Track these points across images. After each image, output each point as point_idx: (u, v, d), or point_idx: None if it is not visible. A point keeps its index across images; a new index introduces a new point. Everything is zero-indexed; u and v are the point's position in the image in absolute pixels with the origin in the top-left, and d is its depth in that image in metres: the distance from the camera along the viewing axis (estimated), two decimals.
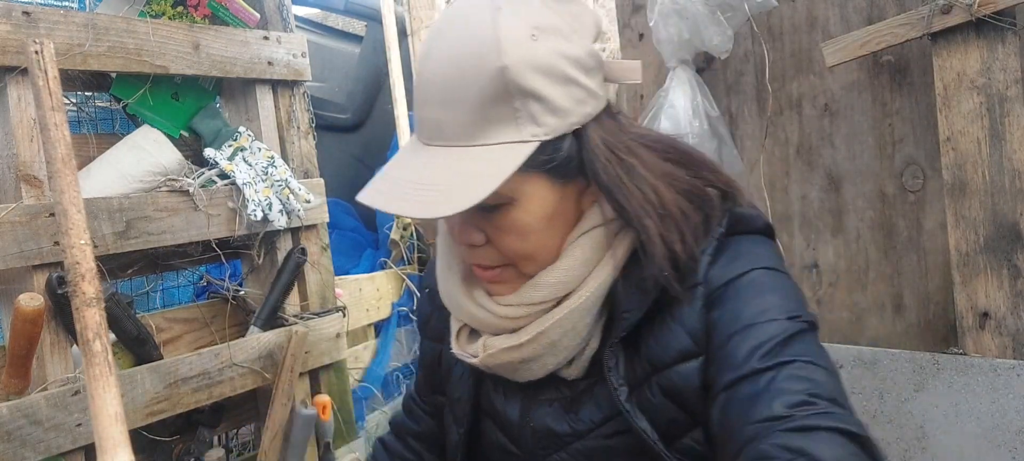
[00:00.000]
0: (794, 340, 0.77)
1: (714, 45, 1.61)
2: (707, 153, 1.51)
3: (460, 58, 0.79)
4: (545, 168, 0.81)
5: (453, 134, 0.80)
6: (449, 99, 0.80)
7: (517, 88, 0.77)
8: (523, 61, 0.77)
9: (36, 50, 1.03)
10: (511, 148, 0.78)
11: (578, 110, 0.81)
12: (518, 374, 0.90)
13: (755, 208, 0.91)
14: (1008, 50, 1.35)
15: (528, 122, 0.79)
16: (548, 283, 0.85)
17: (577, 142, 0.82)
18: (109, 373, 0.86)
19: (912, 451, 1.48)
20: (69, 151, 0.99)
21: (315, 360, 1.60)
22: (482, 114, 0.78)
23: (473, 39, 0.79)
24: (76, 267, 0.92)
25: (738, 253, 0.85)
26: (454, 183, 0.78)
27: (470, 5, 0.82)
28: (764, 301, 0.81)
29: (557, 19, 0.81)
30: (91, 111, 1.53)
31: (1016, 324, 1.37)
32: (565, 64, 0.79)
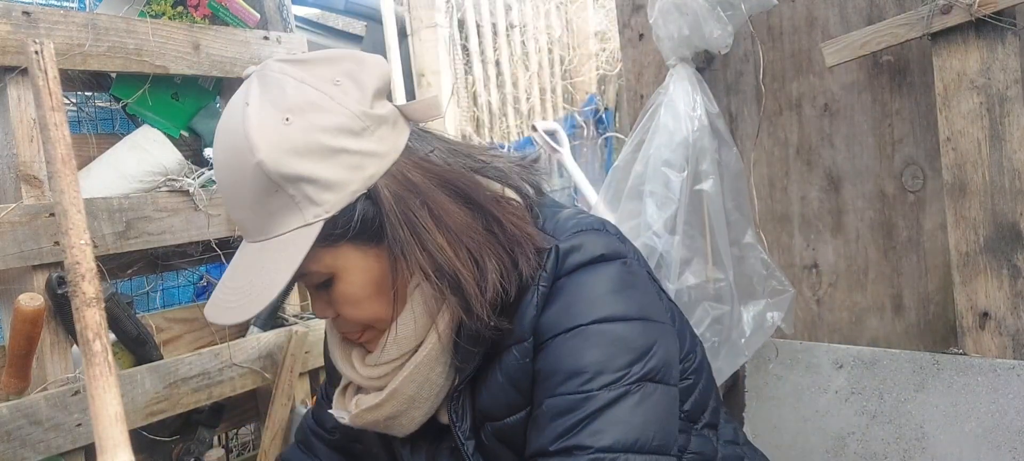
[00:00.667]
0: (600, 415, 0.77)
1: (714, 41, 1.61)
2: (706, 151, 1.51)
3: (226, 163, 0.80)
4: (347, 239, 0.81)
5: (253, 230, 0.82)
6: (233, 202, 0.82)
7: (281, 177, 0.76)
8: (277, 149, 0.76)
9: (36, 50, 1.03)
10: (299, 233, 0.78)
11: (357, 176, 0.79)
12: (391, 430, 0.91)
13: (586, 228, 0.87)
14: (1008, 50, 1.35)
15: (307, 204, 0.78)
16: (395, 341, 0.86)
17: (372, 203, 0.81)
18: (109, 373, 0.86)
19: (912, 451, 1.48)
20: (69, 151, 0.99)
21: (315, 360, 1.60)
22: (264, 209, 0.79)
23: (230, 140, 0.79)
24: (76, 267, 0.92)
25: (569, 301, 0.82)
26: (255, 281, 0.79)
27: (231, 105, 0.82)
28: (580, 363, 0.79)
29: (312, 93, 0.79)
30: (91, 111, 1.53)
31: (1016, 324, 1.37)
32: (326, 137, 0.77)
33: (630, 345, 0.80)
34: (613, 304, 0.82)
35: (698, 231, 1.64)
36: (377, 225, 0.81)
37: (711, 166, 1.63)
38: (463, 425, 0.88)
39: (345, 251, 0.82)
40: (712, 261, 1.63)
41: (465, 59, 3.39)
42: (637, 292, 0.85)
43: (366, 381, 0.90)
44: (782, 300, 1.62)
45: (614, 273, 0.84)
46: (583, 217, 0.91)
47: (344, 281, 0.83)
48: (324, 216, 0.78)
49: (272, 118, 0.77)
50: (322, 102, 0.79)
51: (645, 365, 0.80)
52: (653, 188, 1.63)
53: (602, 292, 0.82)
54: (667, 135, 1.64)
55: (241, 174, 0.78)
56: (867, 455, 1.54)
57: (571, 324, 0.81)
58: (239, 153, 0.77)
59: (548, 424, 0.79)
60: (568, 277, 0.83)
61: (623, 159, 1.74)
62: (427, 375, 0.86)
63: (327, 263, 0.82)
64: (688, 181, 1.61)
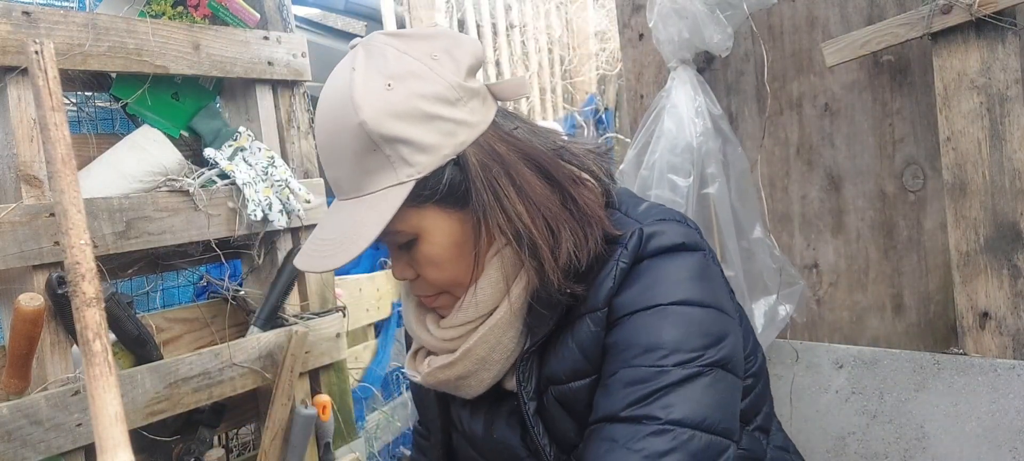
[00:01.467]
0: (673, 390, 0.80)
1: (714, 43, 1.61)
2: (711, 152, 1.51)
3: (330, 122, 0.87)
4: (434, 201, 0.87)
5: (348, 188, 0.88)
6: (332, 160, 0.88)
7: (380, 137, 0.83)
8: (379, 111, 0.83)
9: (36, 50, 1.03)
10: (390, 191, 0.85)
11: (449, 142, 0.86)
12: (460, 390, 0.96)
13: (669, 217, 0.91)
14: (1008, 50, 1.35)
15: (401, 164, 0.84)
16: (471, 303, 0.91)
17: (460, 169, 0.87)
18: (109, 373, 0.86)
19: (912, 451, 1.48)
20: (69, 151, 0.99)
21: (315, 360, 1.60)
22: (361, 167, 0.85)
23: (336, 102, 0.86)
24: (76, 267, 0.92)
25: (650, 282, 0.86)
26: (349, 232, 0.85)
27: (337, 71, 0.89)
28: (658, 339, 0.83)
29: (413, 63, 0.86)
30: (91, 111, 1.53)
31: (1016, 324, 1.37)
32: (424, 104, 0.84)
33: (706, 330, 0.84)
34: (692, 289, 0.85)
35: (707, 231, 1.64)
36: (463, 190, 0.87)
37: (717, 168, 1.63)
38: (528, 387, 0.92)
39: (431, 213, 0.88)
40: (722, 258, 1.63)
41: None
42: (713, 284, 0.88)
43: (439, 344, 0.95)
44: (792, 293, 1.62)
45: (694, 262, 0.88)
46: (665, 208, 0.95)
47: (427, 242, 0.89)
48: (416, 176, 0.84)
49: (376, 83, 0.84)
50: (421, 72, 0.86)
51: (718, 351, 0.83)
52: (659, 194, 1.63)
53: (683, 277, 0.86)
54: (671, 141, 1.64)
55: (343, 133, 0.84)
56: (867, 455, 1.54)
57: (651, 303, 0.84)
58: (343, 113, 0.84)
59: (620, 390, 0.82)
60: (650, 260, 0.87)
61: (627, 164, 1.74)
62: (499, 338, 0.90)
63: (413, 223, 0.87)
64: (694, 186, 1.62)
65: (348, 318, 1.73)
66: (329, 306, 1.67)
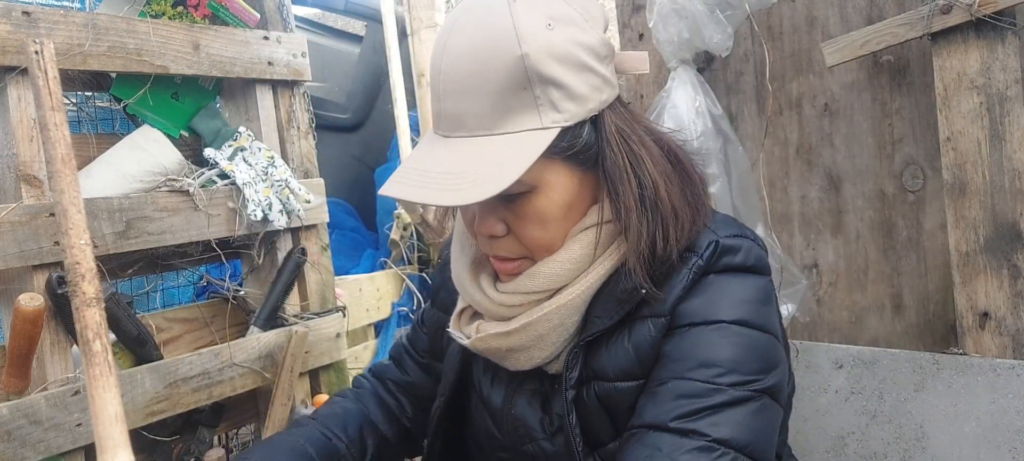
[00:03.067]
0: (724, 410, 0.78)
1: (714, 44, 1.61)
2: (712, 152, 1.51)
3: (479, 49, 0.80)
4: (566, 155, 0.83)
5: (475, 124, 0.81)
6: (470, 90, 0.81)
7: (537, 75, 0.79)
8: (541, 49, 0.79)
9: (36, 50, 1.03)
10: (533, 135, 0.80)
11: (595, 97, 0.83)
12: (506, 362, 0.92)
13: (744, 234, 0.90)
14: (1008, 50, 1.35)
15: (549, 109, 0.80)
16: (544, 274, 0.86)
17: (594, 130, 0.84)
18: (109, 373, 0.86)
19: (912, 451, 1.48)
20: (69, 151, 0.99)
21: (315, 360, 1.60)
22: (503, 103, 0.80)
23: (492, 30, 0.80)
24: (76, 267, 0.92)
25: (715, 297, 0.84)
26: (480, 170, 0.79)
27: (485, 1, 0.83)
28: (716, 356, 0.81)
29: (570, 10, 0.83)
30: (91, 111, 1.53)
31: (1016, 324, 1.37)
32: (581, 52, 0.81)
33: (762, 355, 0.82)
34: (755, 313, 0.84)
35: None
36: (591, 151, 0.84)
37: (718, 168, 1.63)
38: (572, 375, 0.88)
39: (557, 166, 0.84)
40: None
41: None
42: (773, 311, 0.87)
43: (495, 308, 0.90)
44: (795, 291, 1.62)
45: (761, 285, 0.86)
46: (739, 223, 0.93)
47: (545, 196, 0.84)
48: (562, 123, 0.81)
49: (538, 20, 0.80)
50: (577, 20, 0.83)
51: (770, 379, 0.82)
52: None
53: (748, 297, 0.84)
54: None
55: (496, 62, 0.79)
56: (867, 455, 1.54)
57: (714, 318, 0.83)
58: (501, 42, 0.79)
59: (670, 401, 0.80)
60: (718, 275, 0.85)
61: None
62: (564, 319, 0.87)
63: (537, 174, 0.82)
64: None
65: (348, 318, 1.73)
66: (329, 306, 1.67)
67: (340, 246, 2.34)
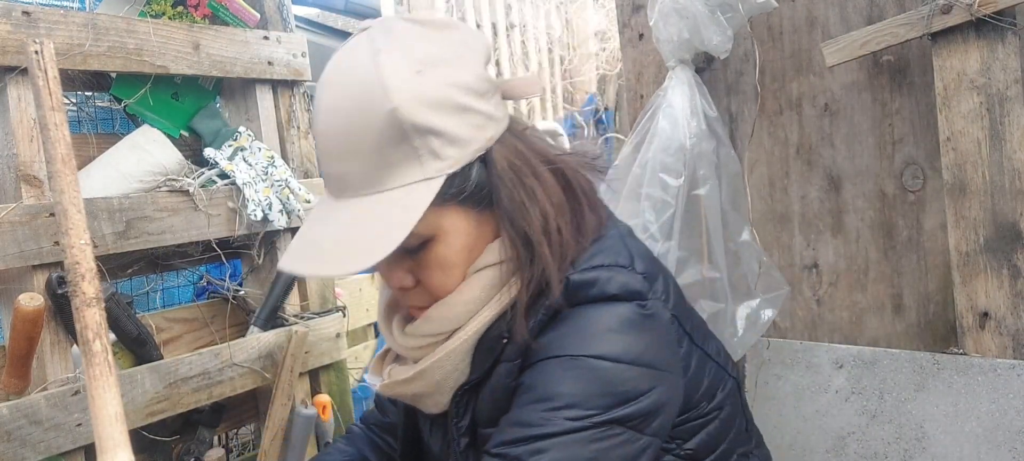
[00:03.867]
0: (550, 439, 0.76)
1: (714, 45, 1.61)
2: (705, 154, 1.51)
3: (349, 109, 0.77)
4: (459, 199, 0.81)
5: (360, 184, 0.79)
6: (347, 151, 0.78)
7: (412, 127, 0.76)
8: (412, 99, 0.75)
9: (36, 50, 1.03)
10: (418, 187, 0.77)
11: (479, 136, 0.80)
12: (419, 406, 0.91)
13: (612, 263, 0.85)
14: (1008, 50, 1.35)
15: (430, 158, 0.77)
16: (436, 317, 0.85)
17: (484, 168, 0.81)
18: (109, 373, 0.86)
19: (912, 451, 1.48)
20: (69, 151, 0.99)
21: (315, 360, 1.60)
22: (382, 160, 0.77)
23: (359, 87, 0.77)
24: (76, 267, 0.92)
25: (566, 331, 0.82)
26: (370, 233, 0.77)
27: (350, 53, 0.80)
28: (555, 389, 0.79)
29: (440, 49, 0.79)
30: (91, 111, 1.53)
31: (1016, 324, 1.37)
32: (457, 93, 0.78)
33: (612, 388, 0.79)
34: (611, 343, 0.80)
35: (695, 232, 1.64)
36: (485, 190, 0.82)
37: (709, 170, 1.63)
38: (462, 421, 0.89)
39: (452, 212, 0.81)
40: (708, 260, 1.64)
41: None
42: (643, 336, 0.82)
43: (403, 350, 0.90)
44: (777, 297, 1.62)
45: (622, 313, 0.82)
46: (618, 247, 0.88)
47: (444, 244, 0.82)
48: (447, 172, 0.78)
49: (405, 68, 0.77)
50: (450, 59, 0.79)
51: (623, 409, 0.79)
52: (650, 192, 1.63)
53: (603, 329, 0.81)
54: (664, 141, 1.64)
55: (367, 120, 0.76)
56: (867, 455, 1.54)
57: (561, 351, 0.80)
58: (369, 98, 0.76)
59: (504, 428, 0.80)
60: (574, 308, 0.83)
61: (622, 159, 1.74)
62: (456, 364, 0.86)
63: (433, 223, 0.80)
64: (685, 186, 1.61)
65: (348, 318, 1.73)
66: (329, 306, 1.67)
67: None
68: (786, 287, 1.63)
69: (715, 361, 0.96)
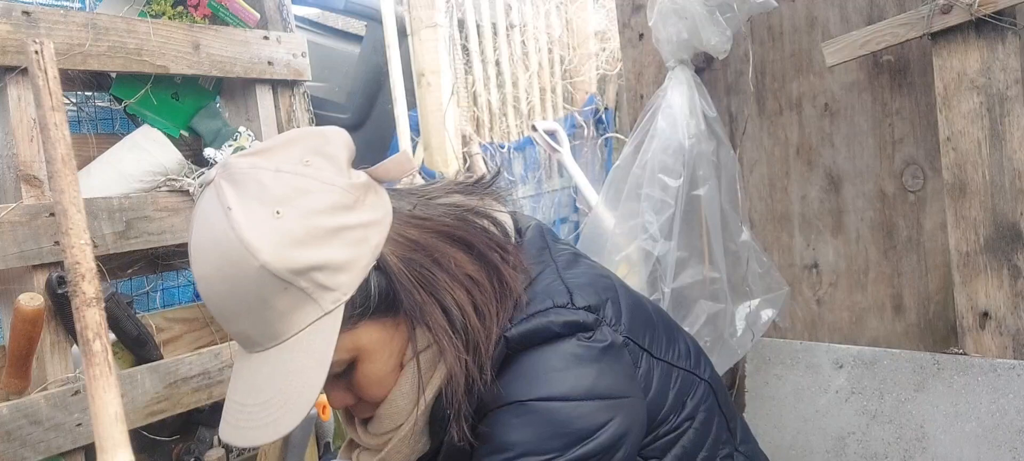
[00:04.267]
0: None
1: (713, 45, 1.61)
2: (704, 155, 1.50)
3: (221, 276, 0.75)
4: (368, 316, 0.79)
5: (262, 339, 0.77)
6: (235, 314, 0.76)
7: (289, 273, 0.73)
8: (279, 246, 0.73)
9: (36, 50, 1.03)
10: (320, 325, 0.75)
11: (363, 249, 0.77)
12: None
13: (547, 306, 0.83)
14: (1008, 50, 1.35)
15: (321, 292, 0.75)
16: (386, 416, 0.85)
17: (383, 274, 0.79)
18: (109, 373, 0.86)
19: (912, 451, 1.48)
20: (69, 151, 0.99)
21: None
22: (273, 313, 0.75)
23: (222, 252, 0.74)
24: (76, 267, 0.92)
25: (511, 377, 0.81)
26: (287, 389, 0.75)
27: (204, 215, 0.77)
28: (507, 438, 0.78)
29: (293, 179, 0.76)
30: (91, 111, 1.53)
31: (1016, 324, 1.37)
32: (324, 219, 0.75)
33: (567, 428, 0.78)
34: (558, 383, 0.79)
35: (695, 232, 1.64)
36: (392, 294, 0.79)
37: (708, 170, 1.63)
38: None
39: (366, 329, 0.79)
40: (708, 260, 1.64)
41: (465, 59, 3.39)
42: (592, 368, 0.81)
43: (367, 445, 0.91)
44: (776, 298, 1.62)
45: (567, 350, 0.81)
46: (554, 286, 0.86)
47: (368, 361, 0.81)
48: (343, 300, 0.76)
49: (261, 215, 0.73)
50: (306, 186, 0.75)
51: (580, 448, 0.78)
52: (650, 192, 1.63)
53: (548, 369, 0.80)
54: (664, 141, 1.64)
55: (241, 283, 0.73)
56: (867, 455, 1.54)
57: (511, 399, 0.79)
58: (235, 262, 0.72)
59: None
60: (517, 354, 0.82)
61: (623, 160, 1.74)
62: (413, 446, 0.87)
63: (349, 347, 0.79)
64: (684, 187, 1.61)
65: None
66: None
67: None
68: (786, 287, 1.63)
69: (681, 368, 0.94)
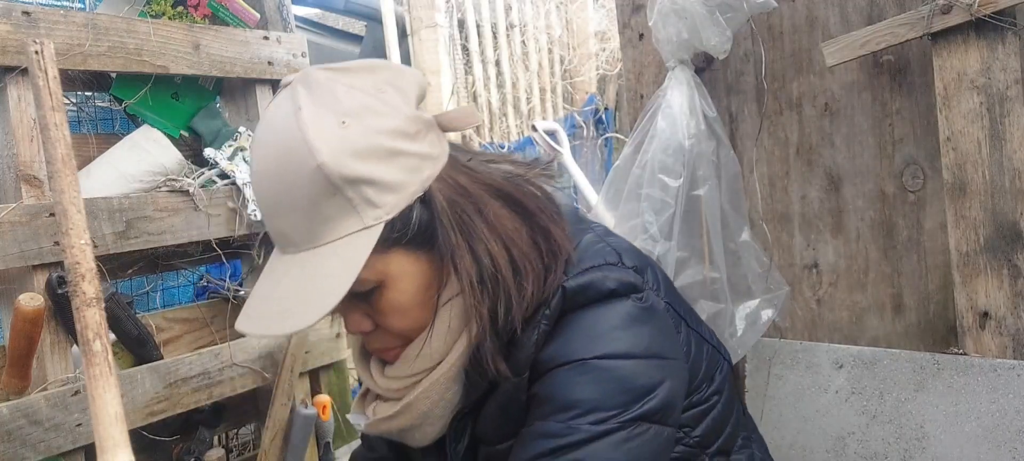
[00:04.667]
0: (582, 447, 0.77)
1: (712, 45, 1.61)
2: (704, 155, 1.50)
3: (278, 169, 0.77)
4: (403, 244, 0.81)
5: (300, 240, 0.79)
6: (282, 209, 0.79)
7: (342, 179, 0.75)
8: (339, 152, 0.75)
9: (36, 50, 1.03)
10: (357, 238, 0.77)
11: (415, 178, 0.79)
12: (406, 440, 0.91)
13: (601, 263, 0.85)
14: (1008, 50, 1.35)
15: (366, 207, 0.77)
16: (416, 356, 0.85)
17: (426, 208, 0.81)
18: (109, 373, 0.86)
19: (912, 451, 1.48)
20: (69, 151, 0.99)
21: (315, 360, 1.60)
22: (318, 214, 0.77)
23: (285, 146, 0.77)
24: (76, 267, 0.92)
25: (571, 336, 0.82)
26: (315, 287, 0.77)
27: (274, 112, 0.80)
28: (573, 396, 0.79)
29: (364, 98, 0.79)
30: (91, 111, 1.53)
31: (1016, 324, 1.37)
32: (385, 140, 0.77)
33: (629, 385, 0.80)
34: (619, 341, 0.81)
35: (695, 232, 1.64)
36: (430, 230, 0.81)
37: (709, 170, 1.63)
38: (459, 445, 0.89)
39: (397, 256, 0.81)
40: (708, 260, 1.64)
41: (465, 59, 3.39)
42: (647, 328, 0.83)
43: (384, 391, 0.90)
44: (777, 298, 1.62)
45: (624, 309, 0.83)
46: (601, 247, 0.89)
47: (394, 288, 0.82)
48: (384, 218, 0.78)
49: (329, 121, 0.76)
50: (375, 106, 0.79)
51: (644, 406, 0.79)
52: (650, 193, 1.63)
53: (608, 328, 0.81)
54: (664, 141, 1.64)
55: (296, 178, 0.76)
56: (867, 455, 1.54)
57: (572, 357, 0.80)
58: (295, 157, 0.76)
59: (531, 442, 0.80)
60: (574, 313, 0.83)
61: (623, 160, 1.74)
62: (442, 393, 0.86)
63: (379, 269, 0.80)
64: (685, 187, 1.61)
65: None
66: None
67: None
68: (786, 287, 1.63)
69: (710, 343, 0.97)
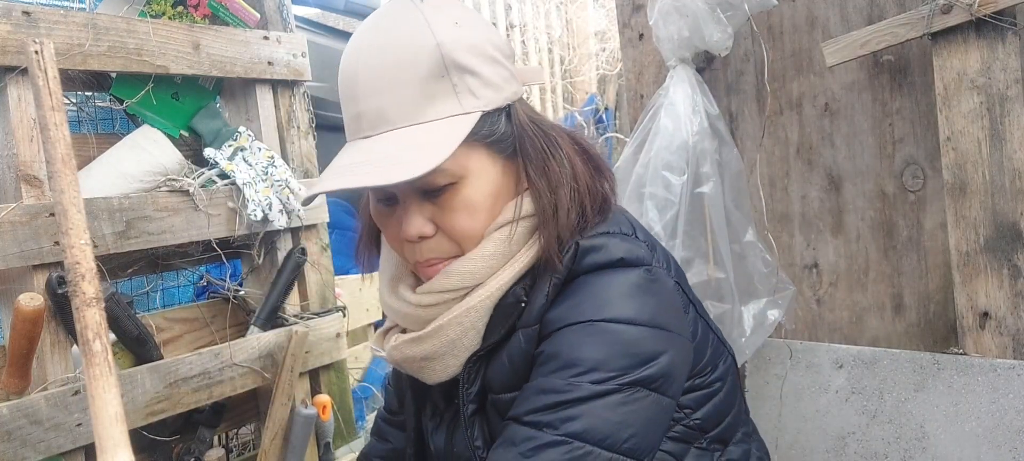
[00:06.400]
0: (579, 405, 0.78)
1: (714, 43, 1.61)
2: (707, 152, 1.52)
3: (396, 46, 0.84)
4: (487, 142, 0.86)
5: (398, 116, 0.84)
6: (391, 82, 0.84)
7: (453, 63, 0.83)
8: (454, 40, 0.84)
9: (36, 50, 1.03)
10: (456, 120, 0.84)
11: (508, 88, 0.88)
12: (423, 373, 0.92)
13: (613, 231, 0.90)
14: (1008, 50, 1.35)
15: (467, 95, 0.84)
16: (458, 271, 0.87)
17: (509, 122, 0.88)
18: (109, 373, 0.86)
19: (912, 451, 1.48)
20: (69, 151, 0.99)
21: (315, 360, 1.60)
22: (424, 91, 0.83)
23: (406, 26, 0.85)
24: (76, 267, 0.92)
25: (580, 298, 0.84)
26: (415, 148, 0.81)
27: (394, 5, 0.88)
28: (577, 355, 0.81)
29: (472, 16, 0.90)
30: (91, 111, 1.53)
31: (1016, 324, 1.37)
32: (489, 46, 0.87)
33: (632, 349, 0.81)
34: (624, 307, 0.83)
35: (699, 231, 1.64)
36: (511, 140, 0.88)
37: (712, 168, 1.63)
38: (471, 388, 0.90)
39: (479, 154, 0.86)
40: (713, 260, 1.64)
41: None
42: (654, 299, 0.85)
43: (412, 310, 0.91)
44: (783, 297, 1.62)
45: (633, 277, 0.85)
46: (619, 217, 0.94)
47: (471, 185, 0.86)
48: (482, 108, 0.85)
49: (447, 18, 0.85)
50: (481, 23, 0.90)
51: (643, 371, 0.81)
52: (653, 191, 1.63)
53: (616, 294, 0.84)
54: (667, 138, 1.64)
55: (414, 55, 0.83)
56: (867, 455, 1.54)
57: (580, 318, 0.83)
58: (416, 37, 0.83)
59: (531, 397, 0.82)
60: (585, 275, 0.86)
61: (624, 160, 1.74)
62: (474, 322, 0.88)
63: (462, 162, 0.84)
64: (688, 184, 1.61)
65: (348, 318, 1.73)
66: (329, 306, 1.67)
67: (340, 246, 2.34)
68: (791, 287, 1.63)
69: (715, 333, 0.99)
